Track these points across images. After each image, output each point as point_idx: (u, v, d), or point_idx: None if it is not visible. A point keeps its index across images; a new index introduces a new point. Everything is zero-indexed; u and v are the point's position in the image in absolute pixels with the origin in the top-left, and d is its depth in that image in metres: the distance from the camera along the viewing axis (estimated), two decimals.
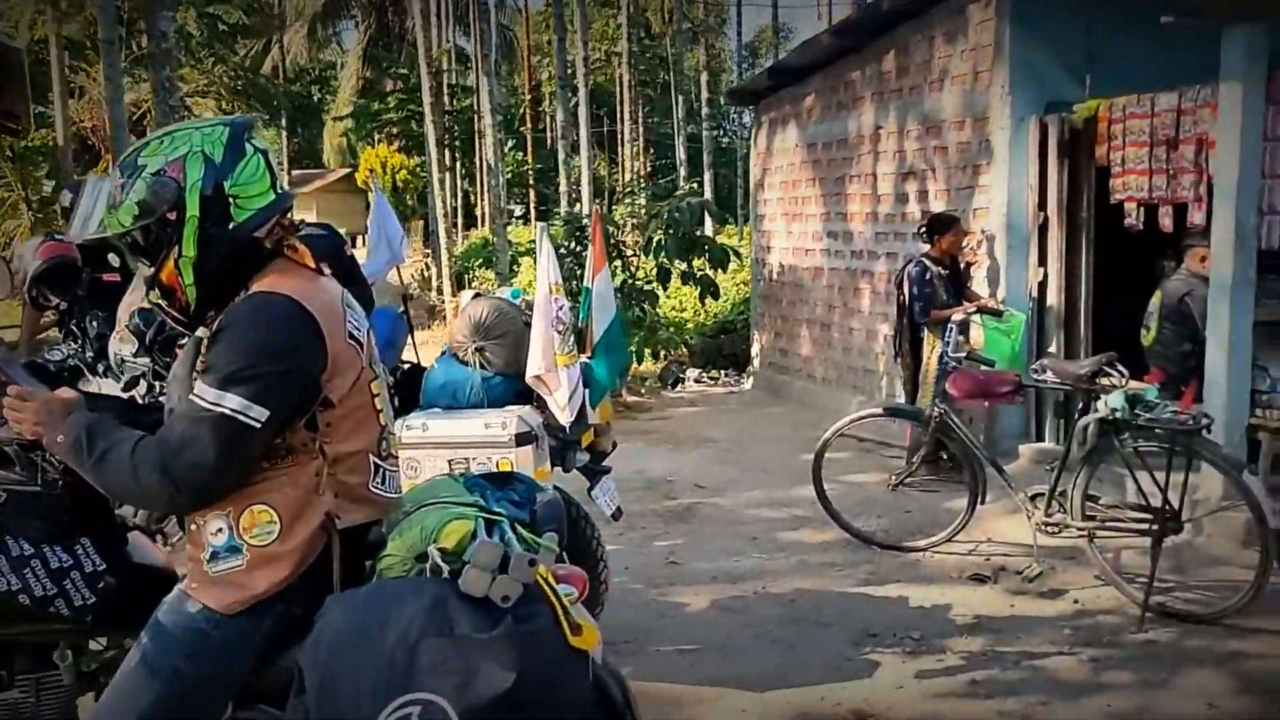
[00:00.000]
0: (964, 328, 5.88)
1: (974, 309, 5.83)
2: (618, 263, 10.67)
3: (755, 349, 11.53)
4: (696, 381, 12.33)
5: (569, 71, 15.33)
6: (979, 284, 7.56)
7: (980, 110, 7.53)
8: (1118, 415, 4.66)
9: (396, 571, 2.15)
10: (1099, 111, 6.88)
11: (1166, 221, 6.48)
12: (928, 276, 6.71)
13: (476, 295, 4.13)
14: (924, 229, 6.92)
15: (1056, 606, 4.96)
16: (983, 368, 5.41)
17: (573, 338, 3.70)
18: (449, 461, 3.55)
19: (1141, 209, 6.67)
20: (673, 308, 15.52)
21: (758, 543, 6.00)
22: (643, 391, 11.23)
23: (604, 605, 4.32)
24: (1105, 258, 9.04)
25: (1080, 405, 4.95)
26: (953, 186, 7.88)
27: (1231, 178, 5.66)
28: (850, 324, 9.36)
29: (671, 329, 14.59)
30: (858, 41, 8.93)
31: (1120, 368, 4.82)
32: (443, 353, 3.96)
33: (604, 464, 4.36)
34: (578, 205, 16.29)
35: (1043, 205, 7.20)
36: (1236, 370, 5.76)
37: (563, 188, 14.05)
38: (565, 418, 3.68)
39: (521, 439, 3.54)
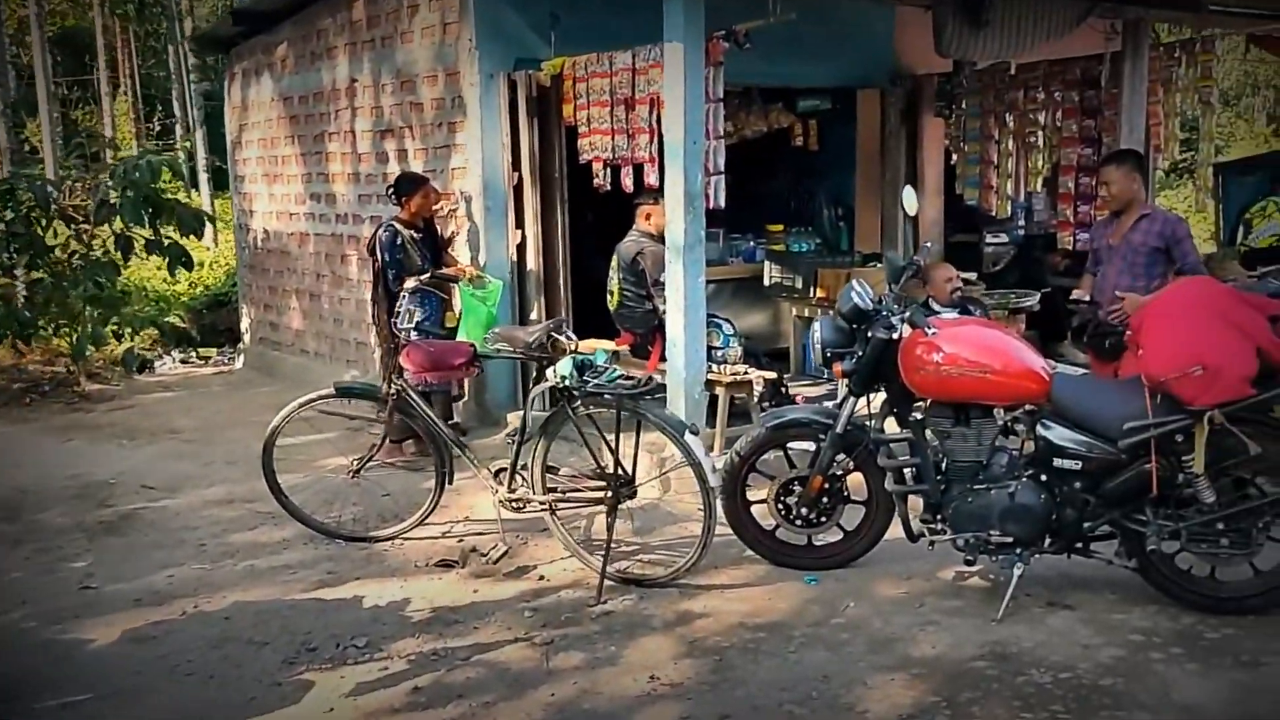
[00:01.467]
0: (422, 297, 5.46)
1: (428, 277, 5.46)
2: (70, 231, 9.19)
3: (245, 324, 10.51)
4: (184, 362, 11.07)
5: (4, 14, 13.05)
6: (460, 248, 7.23)
7: (451, 65, 7.15)
8: (567, 382, 4.46)
9: None
10: (564, 70, 6.75)
11: (628, 182, 6.50)
12: (399, 241, 6.22)
13: None
14: (391, 190, 6.42)
15: (520, 586, 4.71)
16: (437, 340, 5.01)
17: None
18: None
19: (607, 169, 6.64)
20: (164, 280, 13.95)
21: (204, 550, 5.22)
22: (112, 378, 9.81)
23: None
24: (595, 219, 9.14)
25: (535, 374, 4.70)
26: (430, 145, 7.47)
27: (678, 138, 5.71)
28: (339, 293, 8.70)
29: (160, 304, 13.10)
30: None
31: (569, 332, 4.63)
32: None
33: None
34: (40, 167, 14.08)
35: (517, 165, 6.98)
36: (693, 328, 5.86)
37: (3, 144, 11.97)
38: None
39: None
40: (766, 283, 8.23)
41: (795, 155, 9.23)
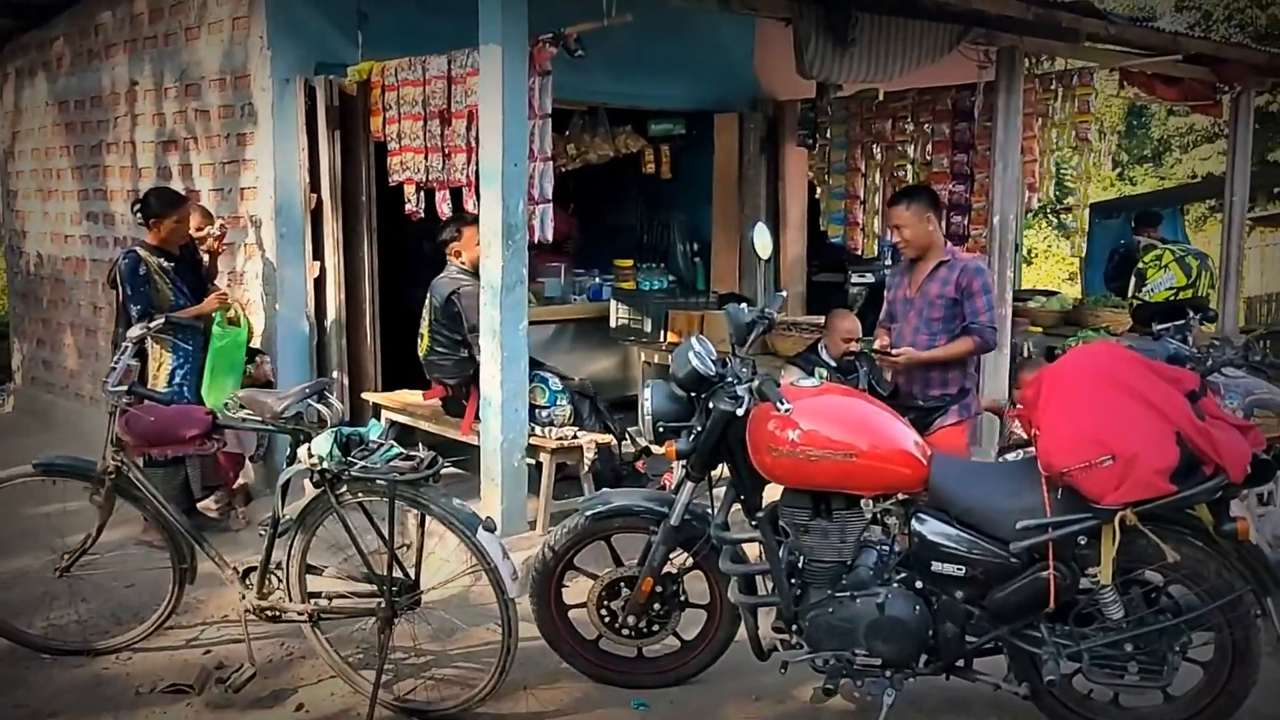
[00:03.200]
0: (175, 343, 4.36)
1: (159, 322, 4.43)
2: None
3: (16, 360, 9.10)
4: None
5: None
6: (251, 284, 6.15)
7: (241, 67, 6.09)
8: (326, 464, 3.47)
9: None
10: (372, 76, 5.78)
11: (444, 208, 5.58)
12: (142, 271, 5.11)
13: None
14: (138, 209, 5.28)
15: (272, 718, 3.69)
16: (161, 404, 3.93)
17: None
18: None
19: (421, 193, 5.70)
20: None
21: None
22: None
23: None
24: (432, 250, 8.12)
25: (289, 452, 3.69)
26: (218, 160, 6.37)
27: (495, 158, 4.81)
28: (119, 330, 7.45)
29: None
30: None
31: (333, 400, 3.63)
32: None
33: None
34: None
35: (316, 186, 5.95)
36: (512, 384, 4.94)
37: None
38: None
39: None
40: (613, 324, 7.39)
41: (647, 184, 8.45)
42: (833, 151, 7.84)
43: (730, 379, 3.54)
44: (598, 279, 7.84)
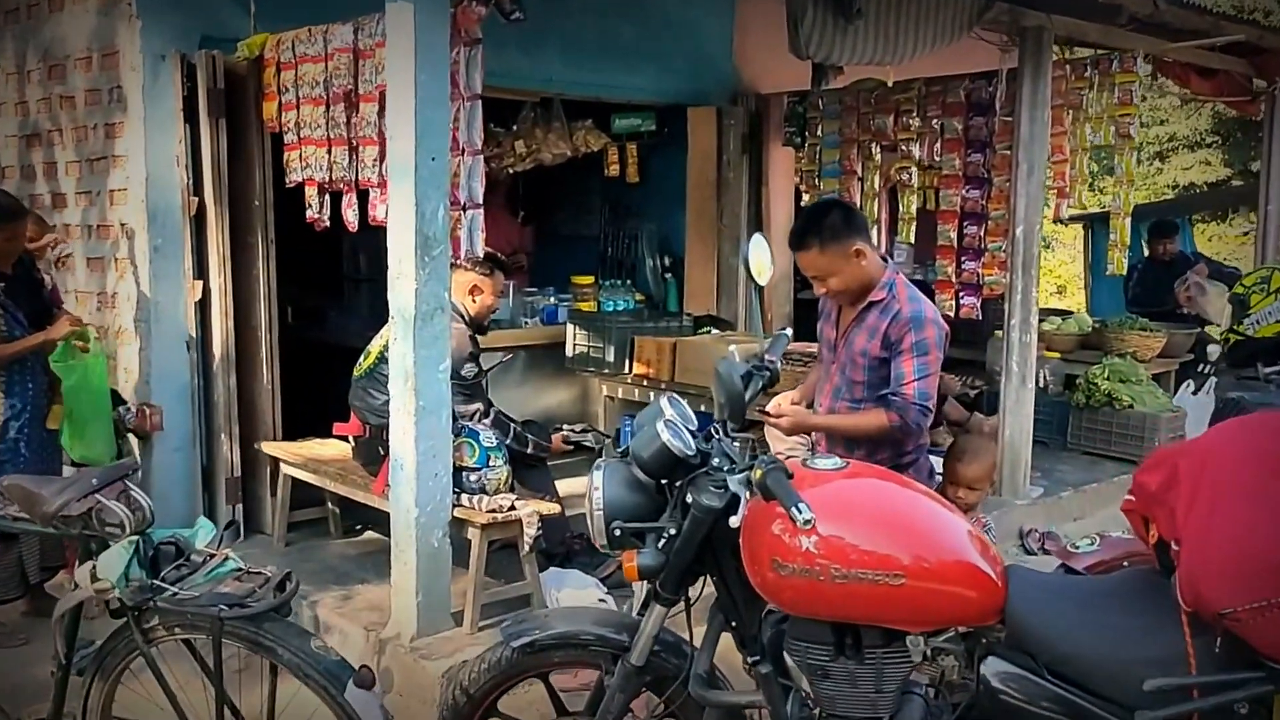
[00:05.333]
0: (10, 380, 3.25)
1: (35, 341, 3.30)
2: None
3: None
4: None
5: None
6: (124, 306, 5.03)
7: (109, 42, 4.97)
8: (118, 591, 2.35)
9: None
10: (265, 52, 4.68)
11: (350, 215, 4.48)
12: None
13: None
14: None
15: None
16: None
17: None
18: None
19: (325, 196, 4.60)
20: None
21: None
22: None
23: None
24: (370, 266, 7.06)
25: (75, 566, 2.55)
26: (85, 156, 5.25)
27: (407, 150, 3.70)
28: None
29: None
30: None
31: (137, 495, 2.50)
32: None
33: None
34: None
35: (198, 187, 4.83)
36: (430, 441, 3.84)
37: None
38: None
39: None
40: (570, 352, 6.31)
41: (610, 188, 7.40)
42: (824, 151, 6.80)
43: (717, 460, 2.46)
44: (553, 299, 6.76)
